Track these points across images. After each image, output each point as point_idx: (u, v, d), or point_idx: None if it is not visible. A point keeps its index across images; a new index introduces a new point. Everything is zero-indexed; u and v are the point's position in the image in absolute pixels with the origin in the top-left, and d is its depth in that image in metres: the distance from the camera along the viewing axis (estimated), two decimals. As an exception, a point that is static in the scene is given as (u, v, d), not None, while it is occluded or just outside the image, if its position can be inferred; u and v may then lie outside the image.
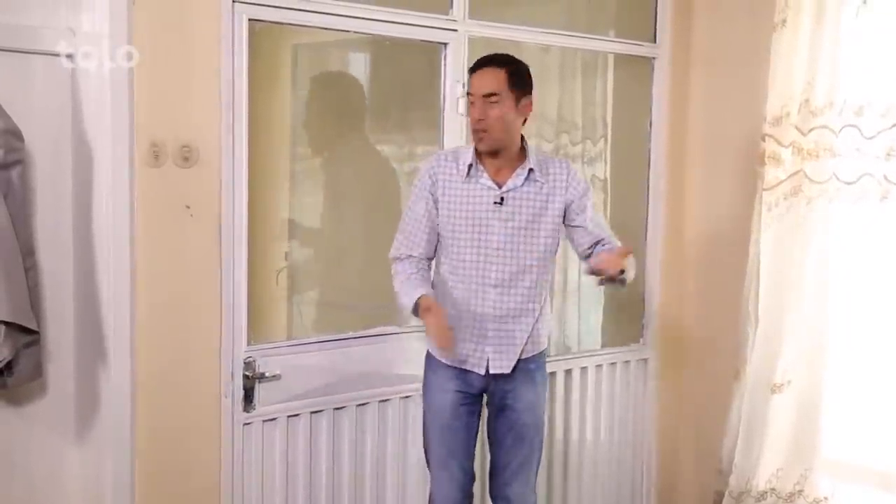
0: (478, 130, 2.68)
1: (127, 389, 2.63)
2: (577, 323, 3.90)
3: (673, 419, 3.95)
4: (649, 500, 3.96)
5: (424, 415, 2.88)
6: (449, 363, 2.80)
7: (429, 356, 2.87)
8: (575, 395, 3.67)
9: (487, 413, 2.89)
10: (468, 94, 2.73)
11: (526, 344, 2.78)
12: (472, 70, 2.73)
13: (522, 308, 2.76)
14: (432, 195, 2.77)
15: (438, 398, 2.82)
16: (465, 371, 2.78)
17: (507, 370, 2.77)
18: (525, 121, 2.77)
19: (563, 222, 2.79)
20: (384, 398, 3.15)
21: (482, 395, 2.84)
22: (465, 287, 2.76)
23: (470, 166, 2.73)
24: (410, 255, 2.79)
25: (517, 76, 2.69)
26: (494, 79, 2.66)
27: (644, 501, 3.94)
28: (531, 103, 2.74)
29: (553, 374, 3.57)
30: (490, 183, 2.73)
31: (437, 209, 2.77)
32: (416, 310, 2.67)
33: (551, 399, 3.57)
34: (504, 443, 2.82)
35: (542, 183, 2.74)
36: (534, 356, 2.82)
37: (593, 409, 3.73)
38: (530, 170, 2.73)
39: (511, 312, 2.75)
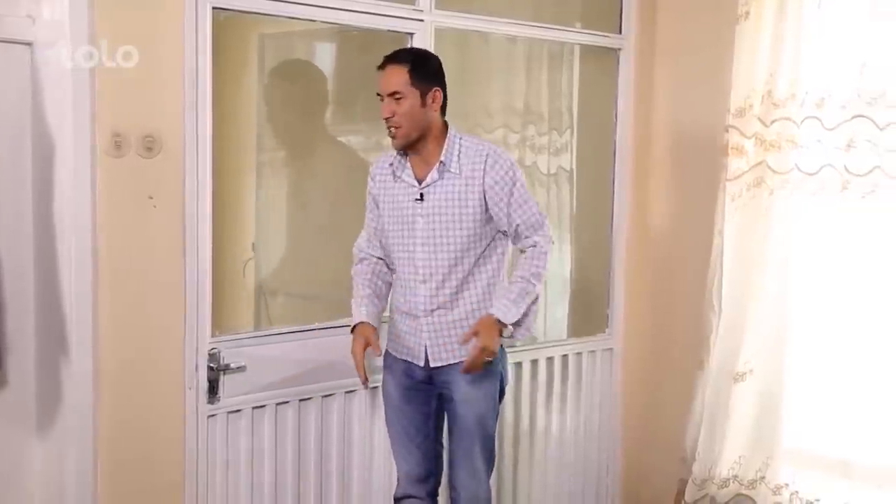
0: (389, 128, 2.72)
1: (89, 382, 2.60)
2: (544, 313, 3.91)
3: (638, 408, 3.98)
4: (614, 489, 3.99)
5: (382, 399, 2.97)
6: (394, 353, 2.88)
7: (386, 345, 2.94)
8: (541, 385, 3.69)
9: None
10: (378, 93, 2.72)
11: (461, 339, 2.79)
12: (379, 68, 2.73)
13: (455, 303, 2.77)
14: (373, 196, 2.86)
15: (388, 383, 2.92)
16: (408, 361, 2.85)
17: (444, 363, 2.80)
18: (442, 110, 2.77)
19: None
20: (350, 389, 3.14)
21: (433, 382, 2.86)
22: (402, 282, 2.83)
23: (391, 165, 2.79)
24: (370, 255, 2.90)
25: (420, 71, 2.69)
26: (397, 77, 2.67)
27: (609, 489, 3.98)
28: (440, 94, 2.73)
29: (519, 364, 3.59)
30: (412, 180, 2.77)
31: (378, 209, 2.85)
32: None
33: (517, 389, 3.59)
34: (451, 433, 2.88)
35: (458, 173, 2.73)
36: None
37: (559, 398, 3.75)
38: (441, 162, 2.73)
39: (443, 307, 2.77)
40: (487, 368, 2.80)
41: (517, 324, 2.74)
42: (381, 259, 2.91)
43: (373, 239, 2.90)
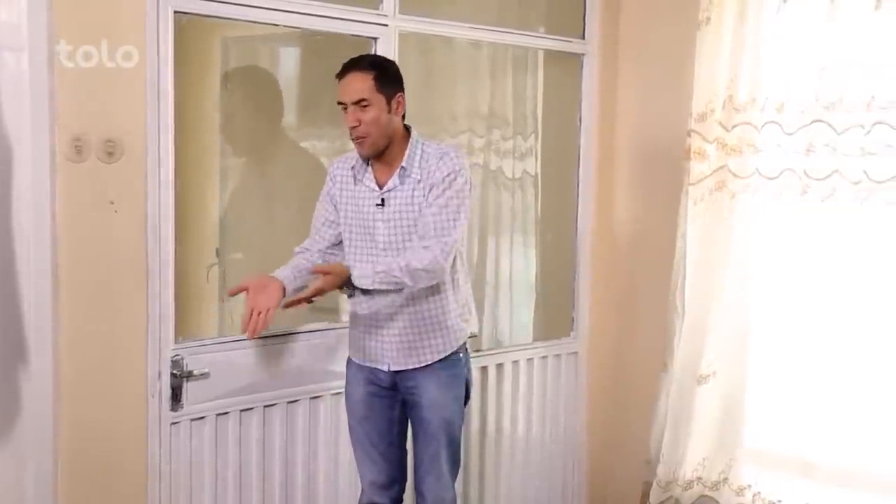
0: (356, 137, 2.69)
1: (49, 390, 2.57)
2: (509, 317, 3.93)
3: (603, 411, 4.00)
4: (580, 491, 4.01)
5: (345, 406, 2.94)
6: (358, 360, 2.86)
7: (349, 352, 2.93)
8: (507, 389, 3.70)
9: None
10: (339, 102, 2.69)
11: (429, 343, 2.78)
12: (339, 76, 2.69)
13: (418, 308, 2.76)
14: (331, 197, 2.83)
15: (353, 391, 2.89)
16: (372, 367, 2.83)
17: (408, 366, 2.79)
18: (403, 116, 2.75)
19: None
20: (315, 395, 3.13)
21: (397, 388, 2.85)
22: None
23: (353, 168, 2.76)
24: (307, 249, 2.84)
25: (384, 77, 2.66)
26: (362, 84, 2.63)
27: (575, 492, 3.99)
28: (404, 99, 2.71)
29: (485, 368, 3.60)
30: (373, 185, 2.75)
31: (336, 211, 2.82)
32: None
33: (482, 393, 3.60)
34: (417, 438, 2.86)
35: (419, 179, 2.72)
36: (443, 359, 2.81)
37: (525, 402, 3.76)
38: (402, 167, 2.71)
39: (406, 311, 2.75)
40: (453, 372, 2.81)
41: (359, 291, 2.64)
42: (314, 252, 2.83)
43: (315, 235, 2.84)
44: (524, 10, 3.85)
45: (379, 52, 3.18)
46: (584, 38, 3.84)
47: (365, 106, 2.64)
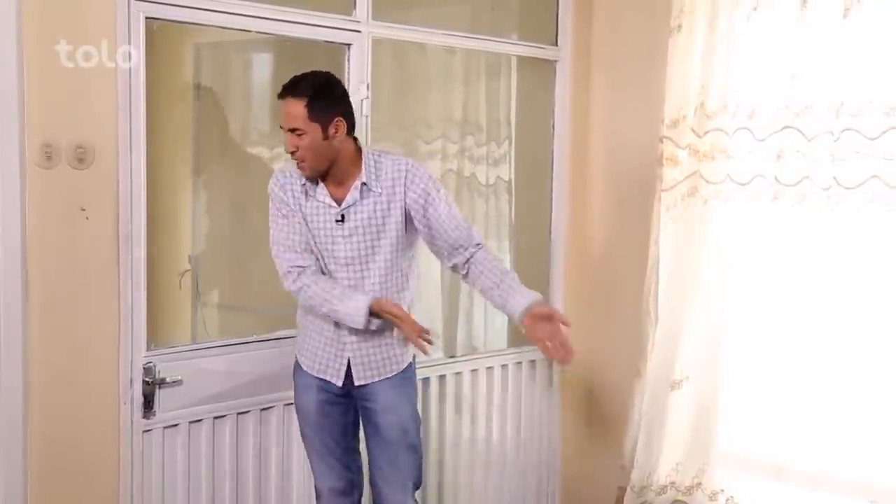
0: (296, 161, 2.66)
1: (19, 398, 2.54)
2: (484, 323, 3.93)
3: (577, 416, 4.01)
4: (554, 497, 4.01)
5: (297, 414, 2.90)
6: (308, 370, 2.83)
7: (296, 359, 2.88)
8: (481, 395, 3.70)
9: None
10: (280, 126, 2.65)
11: (394, 353, 2.78)
12: (279, 97, 2.63)
13: (380, 321, 2.73)
14: (289, 206, 2.73)
15: (304, 399, 2.85)
16: (324, 378, 2.80)
17: (369, 381, 2.78)
18: (351, 129, 2.70)
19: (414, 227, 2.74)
20: (288, 402, 3.11)
21: (350, 395, 2.83)
22: None
23: (304, 185, 2.71)
24: (310, 266, 2.73)
25: (317, 104, 2.58)
26: (296, 112, 2.58)
27: (549, 498, 4.00)
28: (343, 123, 2.63)
29: (459, 373, 3.61)
30: (329, 200, 2.70)
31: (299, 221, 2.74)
32: (371, 313, 2.67)
33: (457, 399, 3.60)
34: (373, 445, 2.83)
35: (380, 192, 2.70)
36: (400, 371, 2.80)
37: (499, 408, 3.77)
38: (363, 184, 2.69)
39: (369, 325, 2.71)
40: (405, 375, 2.81)
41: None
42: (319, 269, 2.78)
43: (304, 252, 2.74)
44: (497, 17, 3.86)
45: (352, 59, 3.19)
46: (556, 44, 3.85)
47: (300, 134, 2.61)
